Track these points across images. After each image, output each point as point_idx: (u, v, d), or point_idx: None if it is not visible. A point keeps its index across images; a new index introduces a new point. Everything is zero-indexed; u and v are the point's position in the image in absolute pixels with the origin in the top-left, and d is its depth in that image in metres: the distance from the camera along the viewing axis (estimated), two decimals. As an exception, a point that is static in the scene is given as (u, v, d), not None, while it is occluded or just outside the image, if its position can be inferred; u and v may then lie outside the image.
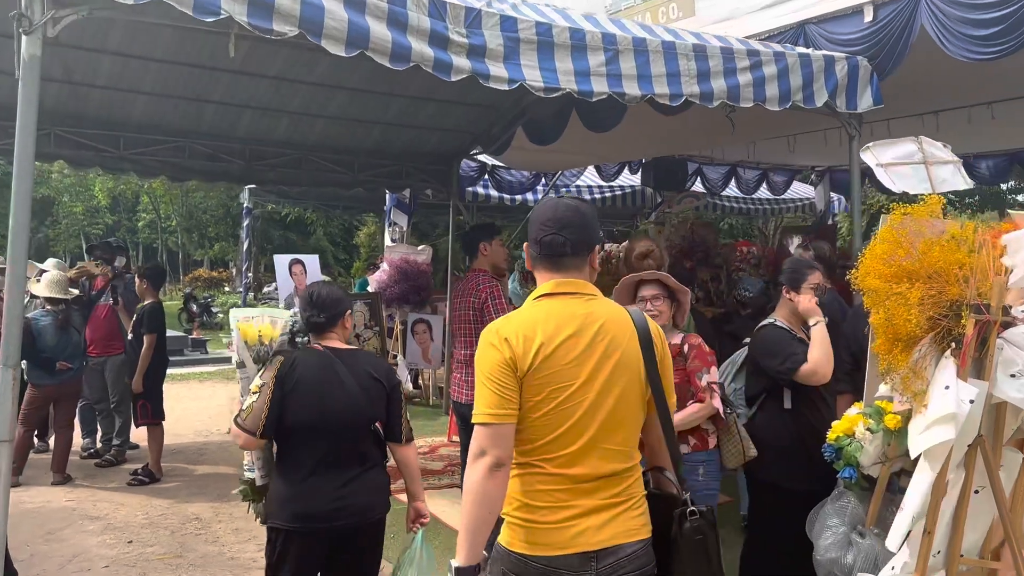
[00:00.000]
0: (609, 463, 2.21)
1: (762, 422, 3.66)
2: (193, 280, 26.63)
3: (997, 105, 7.38)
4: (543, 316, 2.23)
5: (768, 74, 4.68)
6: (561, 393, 2.17)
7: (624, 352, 2.24)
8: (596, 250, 2.35)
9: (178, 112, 7.05)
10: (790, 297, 3.69)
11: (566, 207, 2.32)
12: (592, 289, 2.30)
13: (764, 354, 3.61)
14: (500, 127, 7.90)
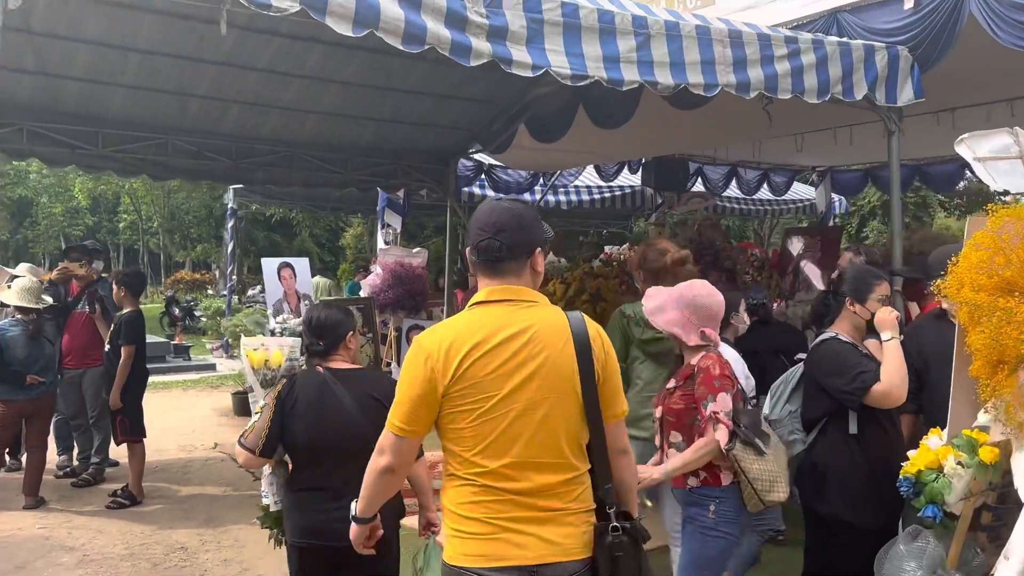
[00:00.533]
0: (544, 475, 2.16)
1: (823, 449, 3.27)
2: (175, 282, 26.06)
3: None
4: (471, 325, 2.20)
5: (807, 63, 4.31)
6: (486, 403, 2.14)
7: (555, 361, 2.18)
8: (538, 252, 2.28)
9: (160, 106, 6.62)
10: (855, 310, 3.31)
11: (502, 210, 2.27)
12: (531, 295, 2.26)
13: (828, 372, 3.21)
14: (501, 123, 7.51)
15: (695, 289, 3.21)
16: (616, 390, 2.29)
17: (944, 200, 23.27)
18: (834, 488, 3.22)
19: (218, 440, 8.10)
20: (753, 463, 3.06)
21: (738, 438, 3.04)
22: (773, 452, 3.12)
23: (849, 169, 12.22)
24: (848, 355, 3.18)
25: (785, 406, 3.37)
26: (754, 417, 3.15)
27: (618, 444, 2.31)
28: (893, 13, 4.77)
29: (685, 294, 3.18)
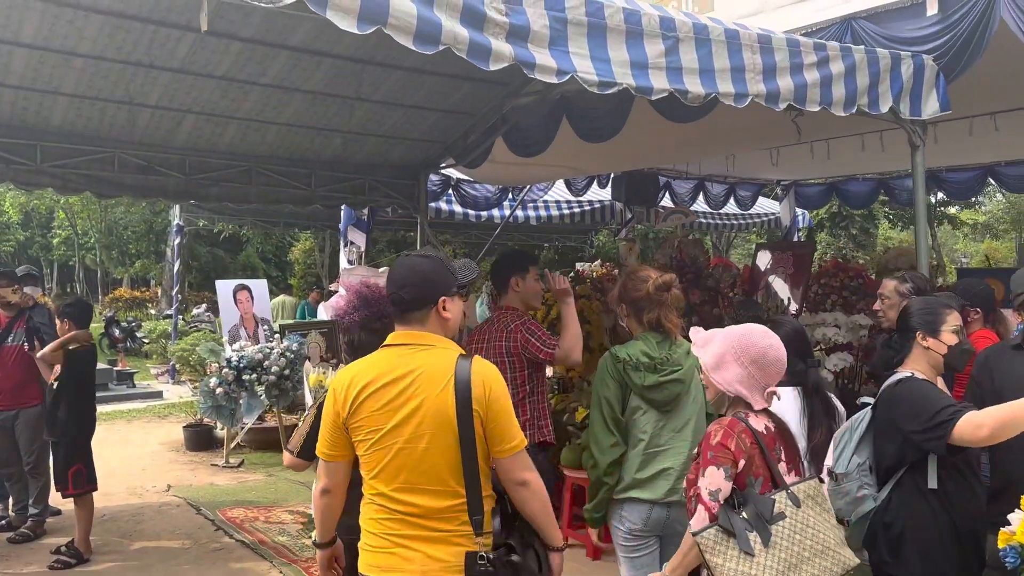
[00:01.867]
0: (430, 500, 2.45)
1: (900, 505, 2.85)
2: (114, 301, 24.94)
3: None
4: (372, 365, 2.52)
5: (835, 72, 3.97)
6: (375, 435, 2.46)
7: (433, 402, 2.44)
8: (444, 300, 2.57)
9: (107, 117, 6.04)
10: (927, 344, 2.93)
11: (405, 269, 2.62)
12: (430, 339, 2.54)
13: (905, 415, 2.81)
14: (477, 136, 7.08)
15: (757, 339, 2.60)
16: (505, 427, 2.49)
17: (890, 213, 23.57)
18: (913, 551, 2.82)
19: (171, 481, 7.44)
20: (730, 560, 2.40)
21: (716, 524, 2.44)
22: (774, 554, 2.40)
23: (813, 183, 12.14)
24: (928, 394, 2.79)
25: (853, 457, 2.95)
26: (762, 506, 2.46)
27: (514, 476, 2.52)
28: (916, 20, 4.48)
29: (745, 345, 2.59)
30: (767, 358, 2.57)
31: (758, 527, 2.42)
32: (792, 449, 2.67)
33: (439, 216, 10.01)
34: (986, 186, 12.39)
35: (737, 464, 2.50)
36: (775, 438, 2.61)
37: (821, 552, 2.44)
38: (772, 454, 2.57)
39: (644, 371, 3.25)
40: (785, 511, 2.46)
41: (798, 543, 2.44)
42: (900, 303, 3.81)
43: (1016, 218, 31.19)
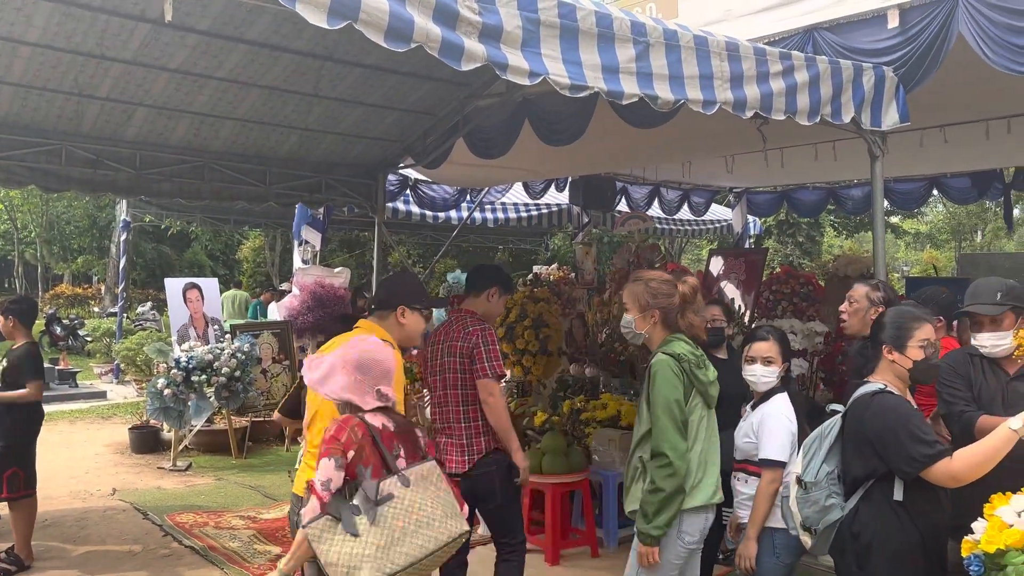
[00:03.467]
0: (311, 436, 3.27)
1: (867, 516, 2.86)
2: (55, 298, 24.21)
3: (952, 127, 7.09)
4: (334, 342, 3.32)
5: (800, 81, 4.00)
6: None
7: None
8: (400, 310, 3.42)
9: (54, 108, 5.84)
10: (893, 358, 2.94)
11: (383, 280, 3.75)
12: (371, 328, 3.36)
13: (881, 437, 2.81)
14: (437, 136, 7.02)
15: (357, 347, 2.88)
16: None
17: (835, 221, 24.08)
18: (880, 562, 2.83)
19: (117, 485, 7.21)
20: (335, 545, 2.58)
21: (325, 514, 2.61)
22: (379, 532, 2.61)
23: (765, 191, 12.32)
24: (909, 417, 2.79)
25: (822, 466, 2.96)
26: (370, 489, 2.65)
27: None
28: (876, 32, 4.54)
29: (347, 355, 2.83)
30: (366, 362, 2.83)
31: (366, 509, 2.62)
32: (413, 445, 2.89)
33: (396, 216, 9.92)
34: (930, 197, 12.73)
35: (346, 454, 2.69)
36: (394, 436, 2.83)
37: (427, 524, 2.71)
38: (389, 450, 2.78)
39: (705, 368, 3.29)
40: (394, 492, 2.70)
41: (404, 519, 2.68)
42: (867, 309, 3.85)
43: (956, 228, 32.11)
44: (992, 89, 5.47)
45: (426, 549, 2.67)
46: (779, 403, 3.52)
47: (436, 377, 4.18)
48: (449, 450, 4.10)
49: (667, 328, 3.34)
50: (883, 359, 2.95)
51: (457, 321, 4.20)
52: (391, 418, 2.87)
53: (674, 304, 3.32)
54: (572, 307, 8.42)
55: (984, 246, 31.76)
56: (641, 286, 3.37)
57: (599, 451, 5.85)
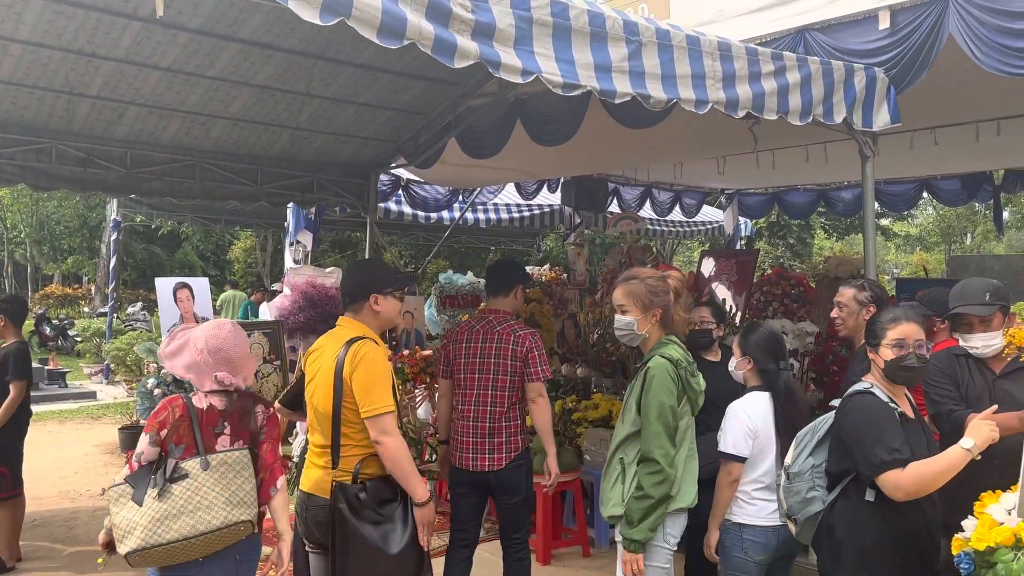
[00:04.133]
0: (317, 438, 3.36)
1: (843, 512, 2.89)
2: (44, 298, 24.09)
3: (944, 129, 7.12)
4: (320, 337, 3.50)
5: (792, 82, 4.01)
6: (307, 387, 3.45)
7: (326, 370, 3.30)
8: (372, 298, 3.42)
9: (45, 106, 5.82)
10: (872, 358, 2.97)
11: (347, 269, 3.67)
12: (351, 324, 3.41)
13: (852, 434, 2.84)
14: (430, 136, 7.01)
15: (209, 332, 3.21)
16: (362, 395, 3.19)
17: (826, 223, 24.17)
18: (850, 557, 2.85)
19: (106, 485, 7.13)
20: (123, 510, 2.95)
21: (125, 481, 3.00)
22: (159, 505, 2.92)
23: (756, 192, 12.36)
24: (880, 421, 2.80)
25: (808, 459, 2.98)
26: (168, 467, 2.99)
27: (372, 436, 3.20)
28: (867, 33, 4.55)
29: (198, 337, 3.19)
30: (214, 348, 3.15)
31: (160, 483, 2.96)
32: (242, 423, 3.17)
33: (388, 216, 9.91)
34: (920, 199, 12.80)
35: (160, 432, 3.04)
36: (218, 415, 3.12)
37: (206, 508, 3.00)
38: (209, 428, 3.10)
39: (697, 376, 3.26)
40: (190, 473, 3.01)
41: (186, 499, 2.97)
42: (859, 310, 3.87)
43: (946, 231, 32.25)
44: (982, 91, 5.50)
45: (196, 530, 2.95)
46: (742, 400, 3.54)
47: (475, 375, 4.21)
48: (483, 447, 4.14)
49: (664, 327, 3.29)
50: (872, 358, 2.97)
51: (499, 323, 4.25)
52: (223, 398, 3.16)
53: (671, 301, 3.28)
54: (564, 308, 8.44)
55: (974, 248, 31.93)
56: (641, 285, 3.29)
57: (590, 451, 5.85)
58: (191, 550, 2.98)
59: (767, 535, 3.35)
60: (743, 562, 3.41)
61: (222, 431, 3.12)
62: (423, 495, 3.25)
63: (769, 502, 3.39)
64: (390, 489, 3.24)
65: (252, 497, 3.10)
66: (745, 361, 3.57)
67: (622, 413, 3.29)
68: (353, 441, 3.24)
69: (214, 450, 3.08)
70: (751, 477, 3.42)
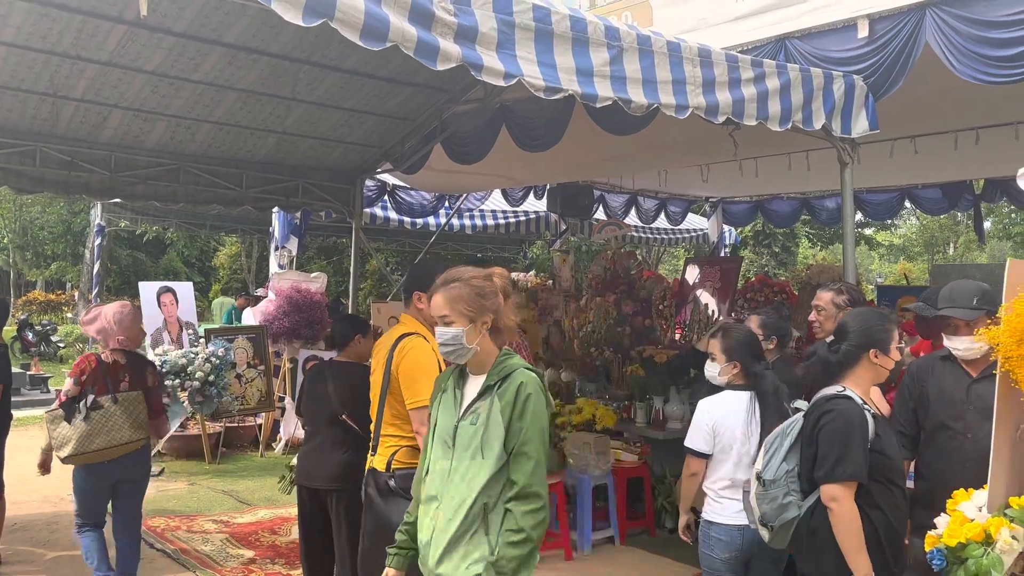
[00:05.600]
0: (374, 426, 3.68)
1: (822, 516, 2.89)
2: (27, 304, 23.92)
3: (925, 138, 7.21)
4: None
5: (771, 88, 4.07)
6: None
7: (379, 363, 3.62)
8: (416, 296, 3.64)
9: (29, 109, 5.80)
10: (879, 362, 2.97)
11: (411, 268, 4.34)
12: (407, 320, 3.70)
13: (826, 437, 2.87)
14: (416, 142, 7.04)
15: (120, 309, 4.78)
16: (407, 386, 3.43)
17: (810, 232, 24.34)
18: (835, 560, 2.87)
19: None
20: (59, 428, 4.42)
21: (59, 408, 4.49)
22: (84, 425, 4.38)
23: (740, 201, 12.45)
24: (854, 434, 2.83)
25: (782, 464, 3.00)
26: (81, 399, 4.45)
27: (413, 426, 3.42)
28: (847, 41, 4.63)
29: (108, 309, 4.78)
30: (119, 320, 4.70)
31: (83, 411, 4.41)
32: (138, 377, 4.75)
33: (374, 222, 9.91)
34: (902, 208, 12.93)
35: (81, 377, 4.53)
36: (120, 368, 4.67)
37: (116, 429, 4.48)
38: (115, 376, 4.61)
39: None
40: (104, 405, 4.48)
41: (102, 423, 4.44)
42: (836, 314, 3.91)
43: (929, 241, 32.54)
44: (960, 99, 5.58)
45: (110, 443, 4.44)
46: (710, 398, 3.61)
47: None
48: None
49: (495, 334, 2.71)
50: (864, 361, 2.97)
51: None
52: (123, 356, 4.71)
53: (500, 304, 2.71)
54: (549, 314, 8.46)
55: (956, 258, 32.21)
56: (464, 288, 2.68)
57: (574, 454, 5.88)
58: (106, 455, 4.47)
59: (732, 533, 3.39)
60: (709, 559, 3.47)
61: (123, 378, 4.64)
62: None
63: (736, 501, 3.43)
64: None
65: (146, 423, 4.65)
66: (731, 366, 3.60)
67: (470, 449, 2.59)
68: (394, 432, 3.51)
69: (119, 391, 4.58)
70: (717, 475, 3.48)
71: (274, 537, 6.14)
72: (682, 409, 6.32)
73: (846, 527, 2.80)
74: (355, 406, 4.22)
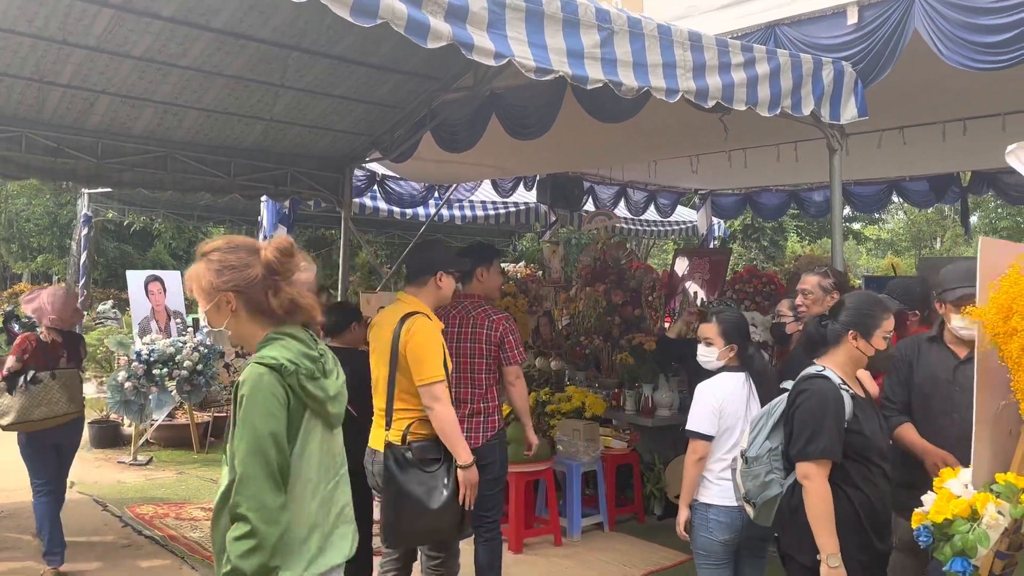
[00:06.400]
0: (379, 402, 3.80)
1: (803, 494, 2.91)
2: (13, 296, 23.73)
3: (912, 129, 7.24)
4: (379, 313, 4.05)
5: (761, 73, 4.08)
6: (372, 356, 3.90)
7: (383, 341, 3.75)
8: (438, 275, 3.85)
9: (14, 94, 5.77)
10: (857, 345, 2.98)
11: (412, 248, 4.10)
12: (407, 299, 3.86)
13: (801, 415, 2.89)
14: (405, 130, 7.02)
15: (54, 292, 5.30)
16: (415, 365, 3.61)
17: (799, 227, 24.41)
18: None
19: (76, 478, 7.05)
20: (1, 398, 4.91)
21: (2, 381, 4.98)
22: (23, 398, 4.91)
23: (729, 193, 12.47)
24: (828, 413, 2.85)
25: (765, 443, 3.02)
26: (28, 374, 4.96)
27: (423, 402, 3.62)
28: (836, 28, 4.64)
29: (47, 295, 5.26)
30: (52, 302, 5.11)
31: (25, 384, 4.92)
32: (75, 354, 5.27)
33: (363, 212, 9.88)
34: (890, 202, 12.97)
35: (23, 356, 5.00)
36: (59, 346, 5.15)
37: (55, 402, 4.99)
38: (54, 354, 5.10)
39: (324, 376, 2.32)
40: (43, 379, 4.97)
41: (42, 396, 4.93)
42: (823, 298, 3.92)
43: (916, 235, 32.70)
44: (948, 89, 5.61)
45: (49, 414, 4.96)
46: (711, 380, 3.61)
47: (452, 360, 4.23)
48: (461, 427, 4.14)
49: (257, 315, 2.30)
50: (845, 343, 2.99)
51: (474, 308, 4.38)
52: (58, 335, 5.16)
53: (254, 277, 2.27)
54: (539, 304, 8.47)
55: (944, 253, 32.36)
56: (201, 265, 2.32)
57: (563, 441, 5.89)
58: (45, 424, 4.96)
59: (732, 515, 3.40)
60: (708, 542, 3.46)
61: (62, 355, 5.13)
62: (467, 458, 3.60)
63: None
64: (435, 451, 3.61)
65: (81, 397, 5.21)
66: (728, 349, 3.62)
67: (227, 457, 2.26)
68: (405, 406, 3.68)
69: (58, 367, 5.06)
70: (716, 456, 3.48)
71: (262, 525, 6.11)
72: (671, 397, 6.33)
73: (815, 504, 2.83)
74: (354, 392, 4.17)
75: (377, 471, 3.74)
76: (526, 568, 5.27)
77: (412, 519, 3.54)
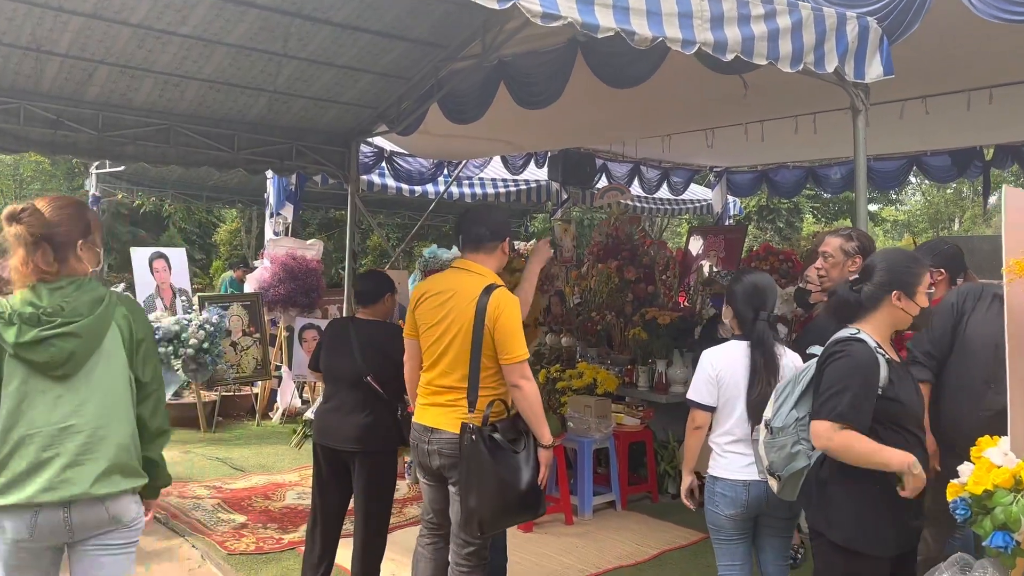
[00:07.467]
0: (445, 379, 3.50)
1: (835, 466, 2.73)
2: (25, 280, 23.74)
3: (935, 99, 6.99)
4: (433, 281, 3.66)
5: (782, 27, 3.86)
6: (424, 328, 3.58)
7: (460, 314, 3.44)
8: (506, 240, 3.65)
9: (12, 65, 5.61)
10: (902, 305, 2.78)
11: (467, 210, 3.81)
12: (476, 267, 3.55)
13: (830, 375, 2.70)
14: (412, 102, 6.84)
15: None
16: (505, 342, 3.38)
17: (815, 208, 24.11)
18: (847, 512, 2.71)
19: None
20: None
21: None
22: None
23: (745, 170, 12.24)
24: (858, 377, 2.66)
25: (792, 412, 2.83)
26: None
27: (510, 380, 3.42)
28: (859, -19, 4.40)
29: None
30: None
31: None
32: None
33: (371, 190, 9.72)
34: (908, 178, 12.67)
35: None
36: None
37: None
38: None
39: (23, 324, 2.54)
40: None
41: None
42: (845, 262, 3.72)
43: (934, 216, 32.27)
44: (975, 52, 5.38)
45: None
46: (712, 349, 3.47)
47: None
48: None
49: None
50: (887, 304, 2.79)
51: None
52: None
53: None
54: (551, 283, 8.30)
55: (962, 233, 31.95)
56: None
57: (574, 418, 5.74)
58: None
59: (736, 489, 3.25)
60: (715, 516, 3.33)
61: None
62: (549, 438, 3.50)
63: (741, 455, 3.28)
64: (514, 430, 3.50)
65: None
66: (728, 310, 3.46)
67: None
68: (485, 383, 3.47)
69: None
70: (722, 429, 3.33)
71: (267, 502, 6.01)
72: (685, 372, 6.16)
73: (854, 457, 2.67)
74: (380, 367, 4.10)
75: (439, 450, 3.46)
76: (537, 547, 5.13)
77: (499, 500, 3.36)
